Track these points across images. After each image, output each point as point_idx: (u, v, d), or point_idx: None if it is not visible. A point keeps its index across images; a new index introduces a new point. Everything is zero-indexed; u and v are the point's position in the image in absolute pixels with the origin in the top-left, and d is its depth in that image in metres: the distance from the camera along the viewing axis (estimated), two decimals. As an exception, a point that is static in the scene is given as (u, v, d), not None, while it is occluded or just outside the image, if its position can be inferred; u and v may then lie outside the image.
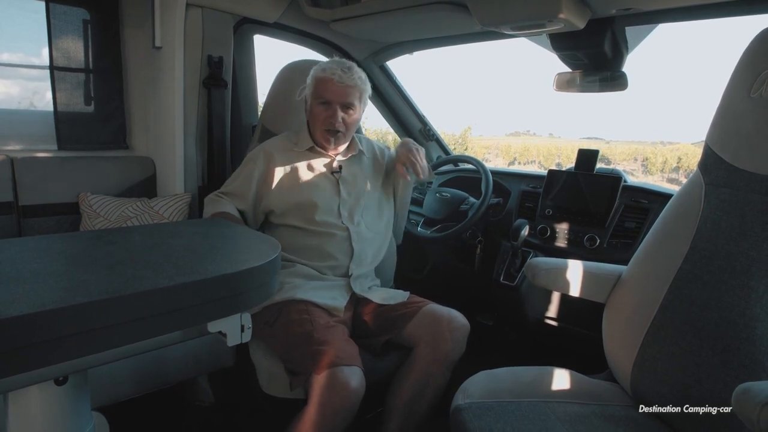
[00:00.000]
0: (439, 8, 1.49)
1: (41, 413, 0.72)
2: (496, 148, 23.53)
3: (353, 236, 1.38)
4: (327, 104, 1.33)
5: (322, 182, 1.40)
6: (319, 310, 1.24)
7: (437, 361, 1.22)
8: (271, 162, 1.38)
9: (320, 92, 1.33)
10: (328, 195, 1.39)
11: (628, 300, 1.09)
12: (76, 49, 1.60)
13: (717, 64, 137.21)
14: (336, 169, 1.42)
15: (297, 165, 1.40)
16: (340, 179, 1.42)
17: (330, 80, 1.31)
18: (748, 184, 0.92)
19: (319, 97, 1.34)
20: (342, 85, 1.32)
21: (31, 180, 1.51)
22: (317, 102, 1.34)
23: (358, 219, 1.42)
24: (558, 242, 1.66)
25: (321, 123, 1.35)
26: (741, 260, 0.90)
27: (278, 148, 1.41)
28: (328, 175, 1.41)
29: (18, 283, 0.62)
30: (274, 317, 1.23)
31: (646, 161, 20.59)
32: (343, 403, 1.02)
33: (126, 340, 0.65)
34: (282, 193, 1.37)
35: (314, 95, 1.35)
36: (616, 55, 1.52)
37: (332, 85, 1.31)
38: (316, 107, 1.35)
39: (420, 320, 1.27)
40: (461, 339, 1.25)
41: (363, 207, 1.44)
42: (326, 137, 1.37)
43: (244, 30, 1.85)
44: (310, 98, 1.37)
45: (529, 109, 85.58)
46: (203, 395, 1.57)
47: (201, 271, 0.70)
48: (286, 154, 1.40)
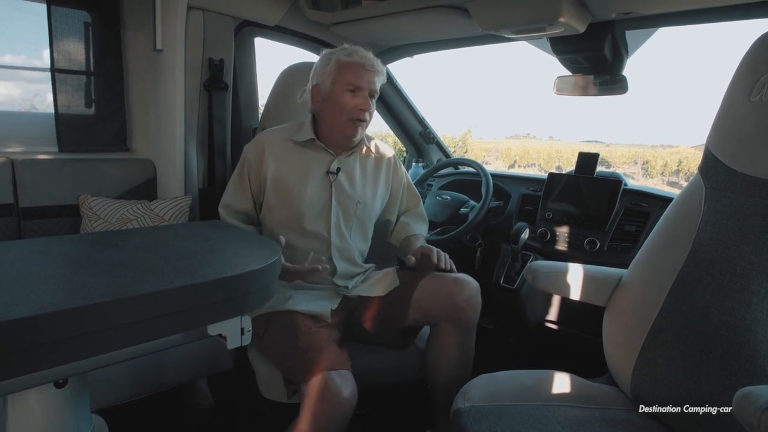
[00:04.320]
0: (439, 12, 1.50)
1: (40, 416, 0.72)
2: (496, 151, 23.56)
3: (334, 251, 1.33)
4: (355, 91, 1.25)
5: (314, 185, 1.31)
6: (305, 318, 1.20)
7: (463, 331, 1.26)
8: (264, 154, 1.30)
9: (348, 78, 1.24)
10: (318, 202, 1.31)
11: (628, 303, 1.09)
12: (77, 52, 1.60)
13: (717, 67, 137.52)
14: (333, 170, 1.32)
15: (291, 159, 1.31)
16: (334, 183, 1.32)
17: (360, 65, 1.24)
18: (749, 188, 0.92)
19: (348, 84, 1.24)
20: (372, 71, 1.26)
21: (32, 182, 1.51)
22: (344, 89, 1.24)
23: (346, 232, 1.36)
24: (558, 245, 1.66)
25: (349, 111, 1.25)
26: (741, 264, 0.90)
27: (272, 139, 1.33)
28: (323, 177, 1.32)
29: (18, 286, 0.62)
30: (263, 329, 1.20)
31: (646, 164, 20.61)
32: (336, 413, 1.01)
33: (126, 343, 0.65)
34: (273, 189, 1.30)
35: (339, 82, 1.25)
36: (617, 59, 1.52)
37: (362, 71, 1.24)
38: (343, 95, 1.25)
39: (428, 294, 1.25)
40: (477, 301, 1.26)
41: (354, 217, 1.36)
42: (353, 127, 1.28)
43: (245, 33, 1.85)
44: (333, 86, 1.26)
45: (530, 112, 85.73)
46: (203, 398, 1.57)
47: (201, 274, 0.70)
48: (280, 145, 1.32)
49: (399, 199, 1.50)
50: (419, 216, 1.53)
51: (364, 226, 1.41)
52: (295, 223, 1.30)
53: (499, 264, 1.80)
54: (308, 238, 1.32)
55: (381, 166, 1.43)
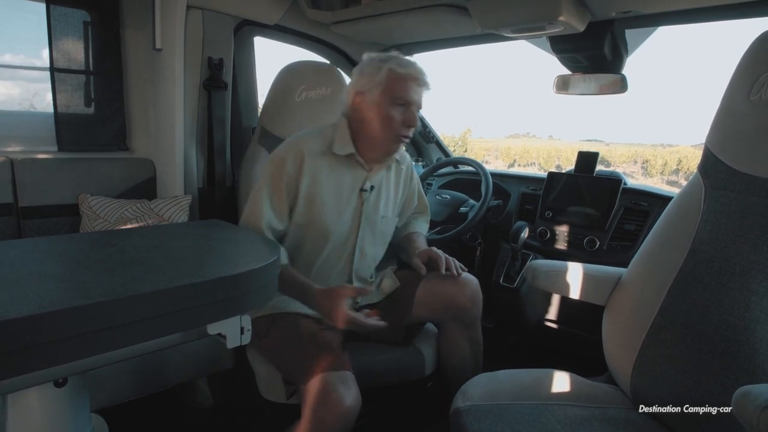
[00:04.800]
0: (439, 11, 1.50)
1: (40, 415, 0.72)
2: (496, 150, 23.57)
3: (353, 272, 1.31)
4: (405, 106, 1.18)
5: (346, 205, 1.25)
6: (309, 320, 1.20)
7: (469, 327, 1.30)
8: (303, 166, 1.18)
9: (399, 92, 1.17)
10: (346, 222, 1.26)
11: (627, 302, 1.09)
12: (76, 51, 1.60)
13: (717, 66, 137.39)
14: (366, 188, 1.26)
15: (327, 175, 1.22)
16: (365, 202, 1.26)
17: (415, 79, 1.18)
18: (748, 187, 0.92)
19: (398, 98, 1.17)
20: (425, 86, 1.21)
21: (31, 181, 1.51)
22: (393, 103, 1.17)
23: (367, 249, 1.33)
24: (558, 244, 1.66)
25: (396, 127, 1.18)
26: (741, 263, 0.90)
27: (311, 149, 1.20)
28: (355, 196, 1.26)
29: (17, 285, 0.62)
30: (265, 330, 1.19)
31: (645, 163, 20.62)
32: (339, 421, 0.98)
33: (125, 342, 0.65)
34: (305, 205, 1.21)
35: (389, 94, 1.17)
36: (616, 58, 1.52)
37: (416, 85, 1.18)
38: (392, 109, 1.17)
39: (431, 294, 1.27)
40: (479, 297, 1.29)
41: (377, 233, 1.33)
42: (398, 143, 1.21)
43: (245, 32, 1.85)
44: (381, 97, 1.17)
45: (529, 111, 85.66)
46: (202, 397, 1.57)
47: (201, 273, 0.70)
48: (318, 158, 1.21)
49: (411, 205, 1.49)
50: (424, 216, 1.54)
51: (385, 239, 1.39)
52: (319, 243, 1.25)
53: (498, 263, 1.80)
54: (329, 258, 1.28)
55: (400, 176, 1.39)
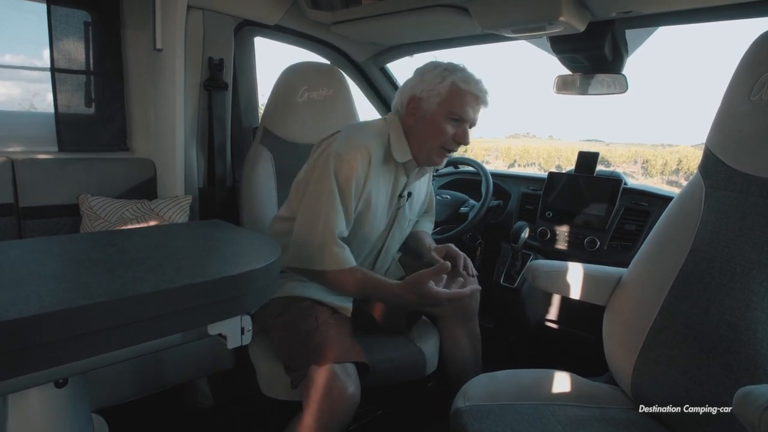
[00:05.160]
0: (439, 11, 1.50)
1: (41, 416, 0.72)
2: (496, 150, 23.59)
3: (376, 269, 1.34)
4: (459, 122, 1.17)
5: (387, 211, 1.25)
6: (324, 308, 1.21)
7: (469, 320, 1.35)
8: (369, 168, 1.15)
9: (458, 107, 1.15)
10: (381, 228, 1.27)
11: (628, 303, 1.09)
12: (77, 51, 1.60)
13: (717, 66, 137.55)
14: (404, 194, 1.27)
15: (384, 182, 1.21)
16: (401, 208, 1.28)
17: (475, 97, 1.17)
18: (749, 187, 0.92)
19: (454, 113, 1.15)
20: (484, 105, 1.20)
21: (32, 181, 1.51)
22: (449, 117, 1.16)
23: (392, 248, 1.36)
24: (558, 245, 1.66)
25: (447, 141, 1.17)
26: (741, 263, 0.90)
27: (377, 152, 1.17)
28: (394, 201, 1.26)
29: (18, 285, 0.62)
30: (279, 311, 1.20)
31: (646, 163, 20.63)
32: (341, 408, 1.00)
33: (126, 343, 0.65)
34: (362, 208, 1.19)
35: (447, 107, 1.15)
36: (616, 58, 1.52)
37: (476, 104, 1.17)
38: (446, 123, 1.16)
39: None
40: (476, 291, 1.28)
41: (402, 235, 1.36)
42: (442, 155, 1.20)
43: (245, 32, 1.85)
44: (439, 108, 1.16)
45: (529, 111, 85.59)
46: (203, 397, 1.57)
47: (201, 273, 0.70)
48: (381, 163, 1.19)
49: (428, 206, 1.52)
50: (431, 216, 1.56)
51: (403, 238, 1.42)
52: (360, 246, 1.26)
53: (499, 263, 1.80)
54: (362, 256, 1.29)
55: (425, 179, 1.41)
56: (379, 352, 1.28)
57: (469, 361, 1.37)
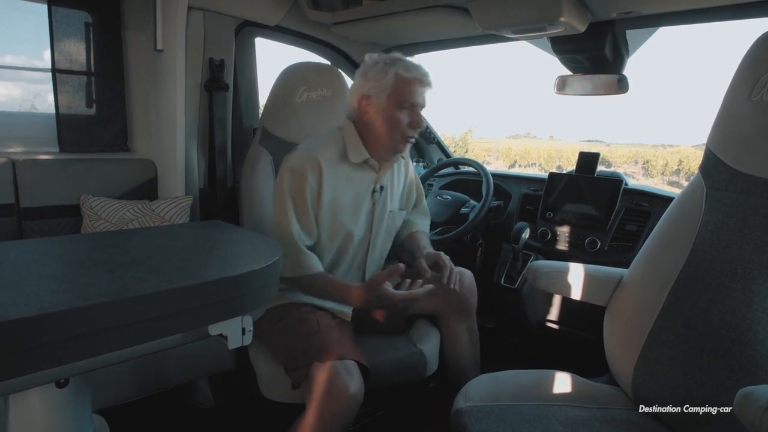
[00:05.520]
0: (440, 11, 1.50)
1: (42, 416, 0.72)
2: (497, 150, 23.56)
3: (367, 267, 1.37)
4: (411, 108, 1.21)
5: (361, 209, 1.29)
6: (324, 313, 1.24)
7: (468, 316, 1.38)
8: (321, 176, 1.20)
9: (406, 95, 1.19)
10: (363, 225, 1.31)
11: (629, 303, 1.09)
12: (77, 52, 1.60)
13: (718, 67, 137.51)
14: (377, 189, 1.30)
15: (344, 181, 1.25)
16: (376, 203, 1.31)
17: (419, 81, 1.21)
18: (750, 188, 0.92)
19: (405, 101, 1.20)
20: (429, 87, 1.23)
21: (33, 182, 1.51)
22: (400, 107, 1.20)
23: (378, 245, 1.38)
24: (559, 245, 1.66)
25: (404, 129, 1.21)
26: (742, 264, 0.90)
27: (326, 158, 1.22)
28: (368, 198, 1.30)
29: (19, 286, 0.62)
30: (279, 317, 1.23)
31: (646, 164, 20.61)
32: (343, 408, 1.01)
33: (127, 343, 0.65)
34: (329, 211, 1.23)
35: (396, 98, 1.19)
36: (617, 58, 1.52)
37: (420, 88, 1.21)
38: (398, 112, 1.20)
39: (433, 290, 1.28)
40: (474, 288, 1.38)
41: (386, 228, 1.38)
42: (405, 143, 1.25)
43: (246, 33, 1.85)
44: (388, 101, 1.20)
45: (530, 111, 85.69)
46: (203, 398, 1.57)
47: (202, 274, 0.70)
48: (334, 166, 1.23)
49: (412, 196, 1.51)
50: (422, 212, 1.55)
51: (392, 232, 1.43)
52: (343, 247, 1.29)
53: (499, 264, 1.80)
54: (350, 256, 1.33)
55: (401, 169, 1.42)
56: (380, 353, 1.28)
57: (469, 357, 1.39)
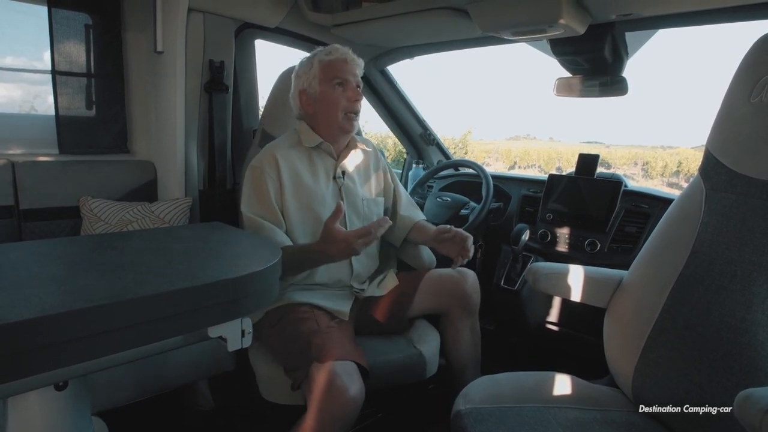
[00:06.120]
0: (440, 13, 1.50)
1: (41, 419, 0.72)
2: (497, 152, 23.56)
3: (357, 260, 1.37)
4: (344, 84, 1.28)
5: (326, 193, 1.33)
6: (323, 313, 1.24)
7: (471, 315, 1.39)
8: (278, 165, 1.28)
9: (335, 73, 1.28)
10: (332, 205, 1.32)
11: (628, 305, 1.09)
12: (77, 54, 1.61)
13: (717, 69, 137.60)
14: (339, 174, 1.36)
15: (301, 170, 1.31)
16: (342, 187, 1.36)
17: (343, 60, 1.29)
18: (749, 190, 0.92)
19: (335, 78, 1.27)
20: (354, 63, 1.30)
21: (32, 184, 1.51)
22: (332, 84, 1.28)
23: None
24: (559, 247, 1.66)
25: (344, 106, 1.28)
26: (742, 265, 0.90)
27: (282, 151, 1.30)
28: (331, 183, 1.35)
29: (18, 288, 0.62)
30: (278, 318, 1.23)
31: (646, 165, 20.61)
32: (343, 411, 1.00)
33: (126, 345, 0.65)
34: (292, 194, 1.29)
35: (326, 79, 1.28)
36: (616, 60, 1.53)
37: (346, 65, 1.29)
38: (333, 91, 1.28)
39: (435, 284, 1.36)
40: (478, 287, 1.39)
41: (362, 215, 1.40)
42: (349, 120, 1.31)
43: (246, 35, 1.86)
44: (321, 86, 1.28)
45: (530, 113, 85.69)
46: (203, 400, 1.57)
47: (201, 276, 0.70)
48: (290, 156, 1.31)
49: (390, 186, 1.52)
50: (410, 204, 1.56)
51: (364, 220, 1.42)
52: (314, 227, 1.30)
53: (499, 265, 1.80)
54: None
55: (369, 162, 1.47)
56: (380, 354, 1.28)
57: (470, 357, 1.40)
